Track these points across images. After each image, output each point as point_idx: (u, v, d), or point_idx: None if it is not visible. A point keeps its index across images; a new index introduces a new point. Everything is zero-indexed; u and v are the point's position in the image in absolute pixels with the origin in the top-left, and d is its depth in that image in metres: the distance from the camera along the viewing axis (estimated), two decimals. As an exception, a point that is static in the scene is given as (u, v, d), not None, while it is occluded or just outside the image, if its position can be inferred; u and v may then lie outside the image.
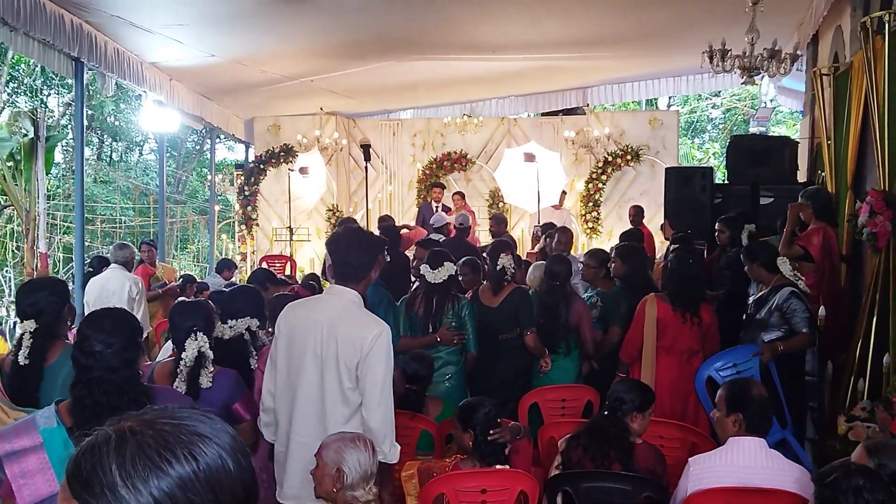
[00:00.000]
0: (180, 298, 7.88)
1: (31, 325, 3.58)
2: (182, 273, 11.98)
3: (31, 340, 3.55)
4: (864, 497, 2.51)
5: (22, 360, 3.52)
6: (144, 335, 6.73)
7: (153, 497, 1.08)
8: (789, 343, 5.52)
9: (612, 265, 6.41)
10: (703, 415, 5.31)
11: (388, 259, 7.18)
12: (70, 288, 5.58)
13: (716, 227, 7.76)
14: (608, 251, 6.89)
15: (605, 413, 4.00)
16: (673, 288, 5.61)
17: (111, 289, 7.83)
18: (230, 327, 4.27)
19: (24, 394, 3.45)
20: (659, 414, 4.92)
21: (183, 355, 3.74)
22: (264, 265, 13.43)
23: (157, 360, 4.89)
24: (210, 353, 3.76)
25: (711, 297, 6.82)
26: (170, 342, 5.37)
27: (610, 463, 3.84)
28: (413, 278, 7.54)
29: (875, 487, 2.55)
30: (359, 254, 3.65)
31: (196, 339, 3.75)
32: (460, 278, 5.99)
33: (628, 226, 11.06)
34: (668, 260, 5.99)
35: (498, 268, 5.82)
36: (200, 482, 1.11)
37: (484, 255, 6.63)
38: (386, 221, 9.95)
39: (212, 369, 3.74)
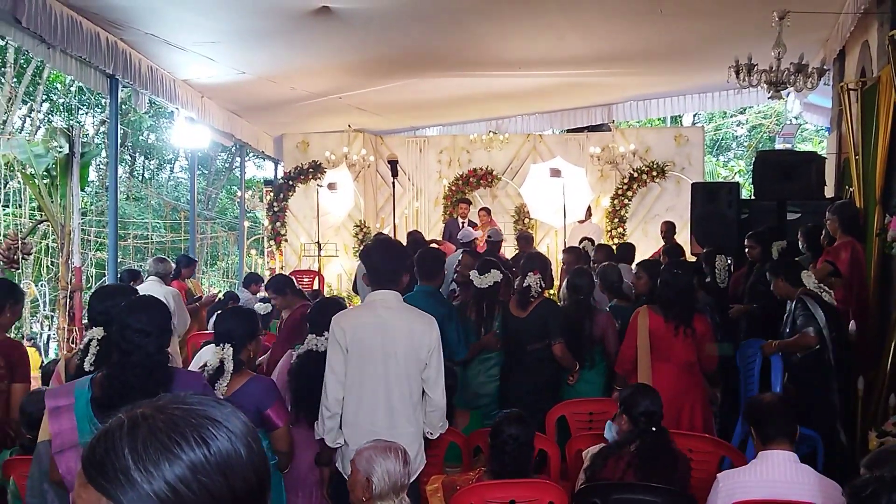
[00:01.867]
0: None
1: (99, 331, 3.64)
2: (226, 291, 12.08)
3: (98, 347, 3.60)
4: None
5: (87, 366, 3.57)
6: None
7: (166, 481, 1.09)
8: (787, 342, 5.53)
9: (636, 280, 6.39)
10: (698, 424, 5.26)
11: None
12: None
13: (745, 242, 7.69)
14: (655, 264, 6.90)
15: (654, 430, 3.93)
16: (664, 300, 5.53)
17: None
18: (325, 339, 4.21)
19: None
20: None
21: (208, 361, 3.83)
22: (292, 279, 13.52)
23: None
24: (230, 367, 3.79)
25: (740, 309, 6.75)
26: (199, 354, 5.48)
27: (659, 478, 3.77)
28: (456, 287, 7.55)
29: None
30: (390, 261, 4.04)
31: (222, 350, 3.79)
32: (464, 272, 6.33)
33: (653, 242, 11.00)
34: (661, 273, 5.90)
35: (524, 285, 5.80)
36: (211, 466, 1.11)
37: (513, 269, 6.64)
38: (415, 235, 9.97)
39: (227, 381, 3.76)
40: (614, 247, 10.63)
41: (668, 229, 11.27)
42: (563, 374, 5.81)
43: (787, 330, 5.71)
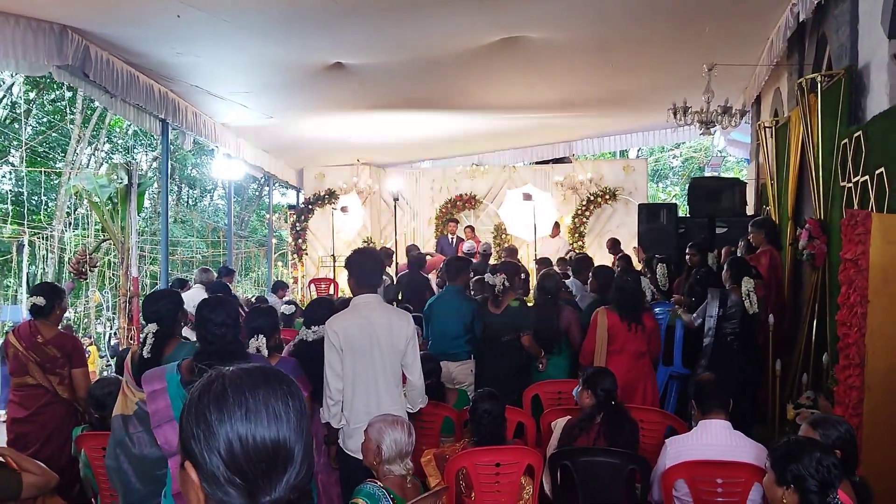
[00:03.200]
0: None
1: (153, 327, 3.70)
2: (257, 295, 12.04)
3: (154, 339, 3.66)
4: (822, 462, 2.46)
5: (146, 353, 3.63)
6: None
7: (227, 438, 1.11)
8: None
9: (590, 282, 6.43)
10: (649, 401, 5.28)
11: (413, 278, 7.32)
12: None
13: (687, 251, 7.70)
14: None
15: (613, 403, 3.94)
16: (618, 301, 5.48)
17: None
18: (313, 332, 4.44)
19: None
20: None
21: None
22: (312, 287, 13.48)
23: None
24: (265, 352, 3.89)
25: (680, 300, 6.76)
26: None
27: (622, 443, 3.78)
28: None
29: (825, 453, 2.51)
30: (370, 272, 4.06)
31: (257, 340, 3.86)
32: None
33: (608, 253, 11.01)
34: (615, 279, 5.90)
35: (492, 284, 5.82)
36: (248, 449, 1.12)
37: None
38: (413, 249, 9.99)
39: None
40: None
41: (613, 244, 11.30)
42: (532, 361, 5.80)
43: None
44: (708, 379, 3.69)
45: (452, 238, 12.48)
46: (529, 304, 6.22)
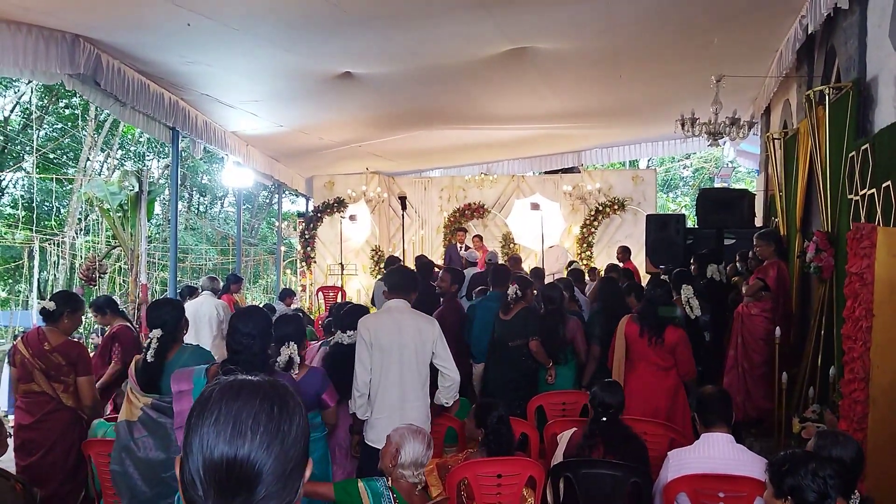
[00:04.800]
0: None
1: (157, 332, 3.81)
2: (265, 303, 12.07)
3: (157, 344, 3.78)
4: (818, 473, 2.46)
5: (149, 357, 3.76)
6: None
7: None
8: None
9: (591, 295, 6.43)
10: (675, 417, 5.15)
11: (423, 287, 7.38)
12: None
13: (691, 262, 7.69)
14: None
15: (604, 420, 3.89)
16: (641, 312, 5.42)
17: (204, 311, 7.84)
18: (349, 336, 4.68)
19: (150, 383, 3.77)
20: (632, 414, 4.85)
21: (278, 359, 3.91)
22: (320, 294, 13.51)
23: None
24: (297, 359, 3.98)
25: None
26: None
27: (620, 457, 3.75)
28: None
29: (822, 464, 2.50)
30: (407, 281, 4.46)
31: (288, 347, 3.94)
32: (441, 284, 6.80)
33: (619, 262, 10.98)
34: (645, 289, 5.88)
35: (507, 293, 5.88)
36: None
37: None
38: (422, 259, 9.97)
39: (298, 370, 3.96)
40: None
41: (624, 252, 11.29)
42: (541, 370, 5.80)
43: None
44: (711, 392, 3.66)
45: (461, 247, 12.47)
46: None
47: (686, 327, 5.57)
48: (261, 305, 11.34)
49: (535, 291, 6.29)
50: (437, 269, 10.28)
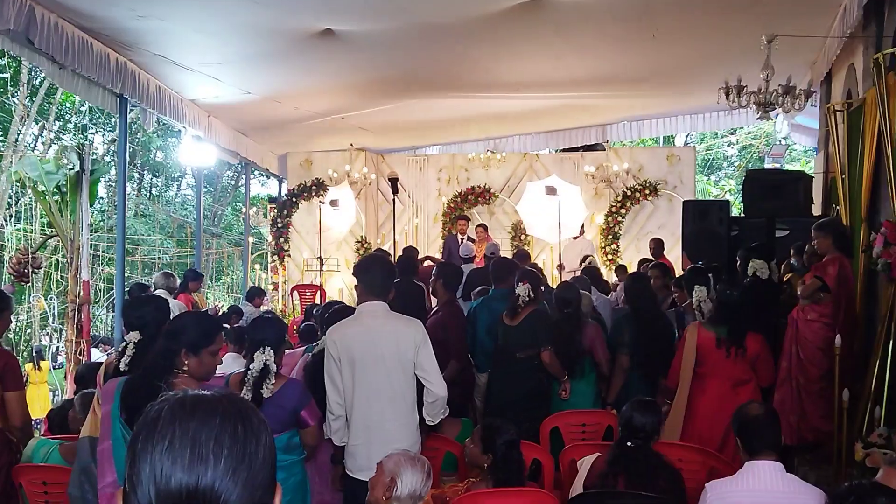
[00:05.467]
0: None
1: (135, 336, 3.78)
2: (230, 305, 12.09)
3: (134, 350, 3.74)
4: None
5: (123, 365, 3.70)
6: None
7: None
8: None
9: (619, 293, 6.42)
10: None
11: (404, 286, 7.39)
12: (110, 316, 5.65)
13: (736, 258, 7.66)
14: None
15: (629, 444, 3.90)
16: (715, 319, 5.38)
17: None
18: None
19: None
20: (697, 441, 4.84)
21: (251, 366, 3.95)
22: (295, 295, 13.53)
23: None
24: (274, 367, 3.99)
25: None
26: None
27: (650, 489, 3.75)
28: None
29: (893, 499, 2.50)
30: (386, 276, 4.35)
31: (263, 353, 3.95)
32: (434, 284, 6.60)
33: (652, 256, 11.00)
34: (716, 289, 5.82)
35: (515, 294, 5.87)
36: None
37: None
38: (407, 251, 9.96)
39: (273, 381, 3.96)
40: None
41: (657, 246, 11.31)
42: (553, 384, 5.80)
43: None
44: (755, 412, 3.65)
45: (462, 238, 12.45)
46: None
47: None
48: (225, 307, 11.38)
49: (542, 289, 6.29)
50: (427, 264, 10.29)
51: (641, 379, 5.96)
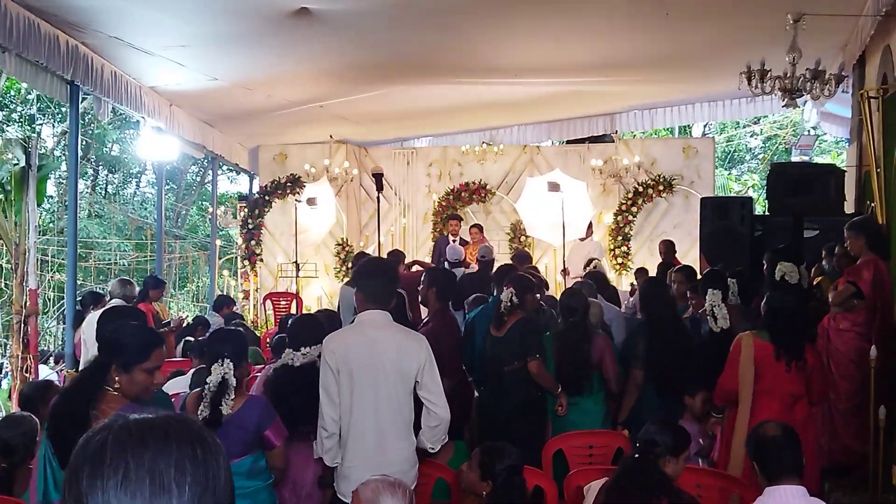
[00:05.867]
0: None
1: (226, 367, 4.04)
2: (195, 315, 12.06)
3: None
4: None
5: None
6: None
7: None
8: None
9: (640, 303, 6.41)
10: (808, 467, 5.07)
11: None
12: (61, 329, 5.64)
13: (763, 262, 7.67)
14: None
15: (636, 456, 3.91)
16: (772, 327, 5.23)
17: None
18: (302, 354, 4.76)
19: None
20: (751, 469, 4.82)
21: (208, 380, 4.00)
22: (268, 304, 13.51)
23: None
24: (233, 381, 4.04)
25: None
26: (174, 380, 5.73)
27: None
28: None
29: None
30: (388, 282, 4.46)
31: (222, 366, 4.01)
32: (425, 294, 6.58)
33: (660, 261, 11.04)
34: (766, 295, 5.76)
35: (499, 300, 5.90)
36: None
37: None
38: (395, 255, 9.95)
39: (233, 397, 4.00)
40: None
41: (668, 249, 11.32)
42: (549, 400, 5.80)
43: None
44: (773, 434, 3.64)
45: (454, 240, 12.43)
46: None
47: (711, 343, 5.65)
48: (190, 318, 11.34)
49: (537, 296, 6.29)
50: (415, 269, 10.27)
51: (657, 396, 5.94)
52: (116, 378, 3.43)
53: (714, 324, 5.72)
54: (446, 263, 10.14)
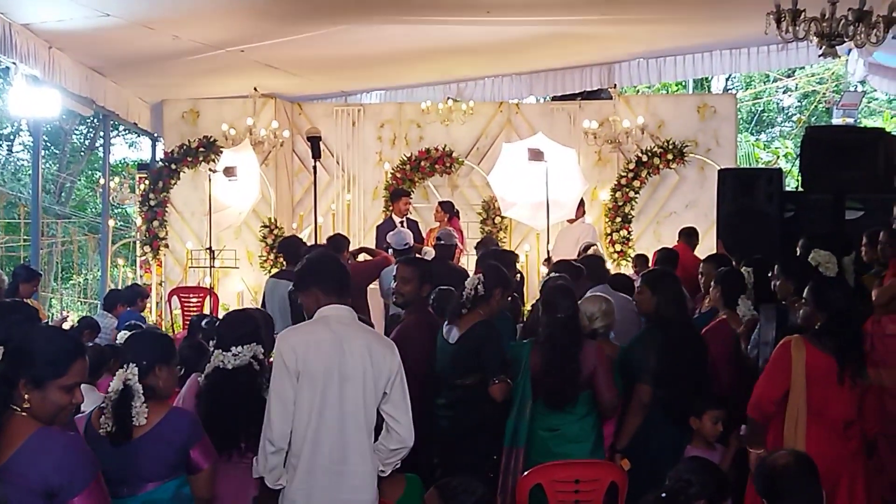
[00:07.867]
0: None
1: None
2: (82, 316, 11.98)
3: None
4: None
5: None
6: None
7: None
8: None
9: (638, 298, 6.39)
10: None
11: None
12: None
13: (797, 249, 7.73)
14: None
15: (664, 496, 3.93)
16: (829, 331, 5.15)
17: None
18: (234, 355, 4.76)
19: None
20: None
21: (109, 388, 4.05)
22: (175, 301, 13.42)
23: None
24: (139, 388, 4.05)
25: None
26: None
27: None
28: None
29: None
30: (341, 272, 4.62)
31: (126, 370, 4.06)
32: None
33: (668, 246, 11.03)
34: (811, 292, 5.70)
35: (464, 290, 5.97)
36: None
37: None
38: (336, 243, 9.75)
39: (144, 403, 4.02)
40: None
41: (688, 238, 11.36)
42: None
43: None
44: (785, 464, 3.69)
45: (401, 221, 12.16)
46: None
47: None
48: (75, 319, 11.24)
49: (509, 298, 6.33)
50: (362, 258, 10.21)
51: (666, 417, 5.89)
52: (26, 396, 3.35)
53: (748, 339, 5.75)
54: (391, 252, 9.99)
